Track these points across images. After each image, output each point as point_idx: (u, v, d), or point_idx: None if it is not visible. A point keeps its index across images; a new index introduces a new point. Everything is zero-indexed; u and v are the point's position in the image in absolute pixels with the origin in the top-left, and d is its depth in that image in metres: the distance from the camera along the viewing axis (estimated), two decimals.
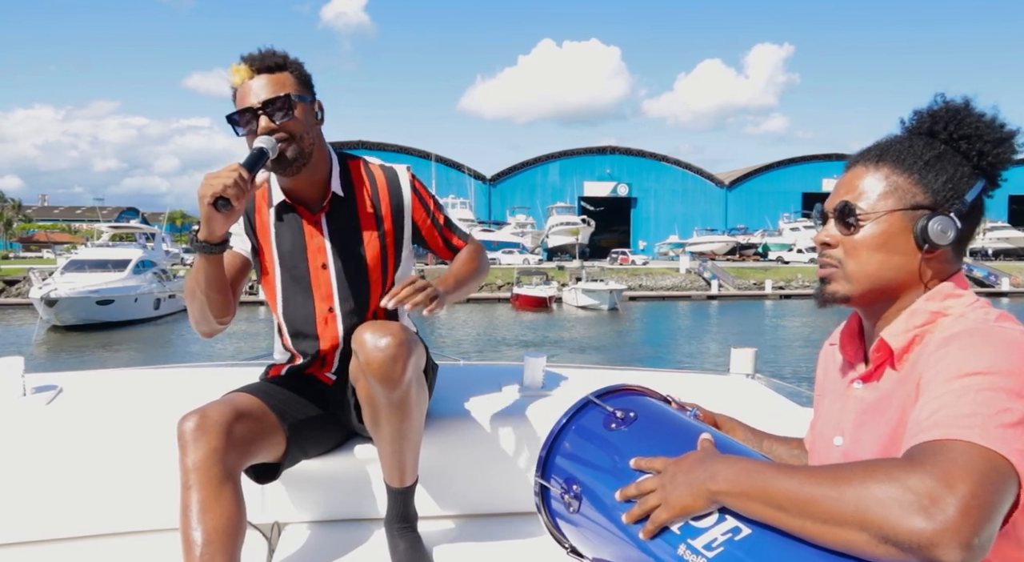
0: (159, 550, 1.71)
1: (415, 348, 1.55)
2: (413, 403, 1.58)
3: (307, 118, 1.66)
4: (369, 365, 1.50)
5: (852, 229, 1.11)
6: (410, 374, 1.53)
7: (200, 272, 1.58)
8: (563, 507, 1.20)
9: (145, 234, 35.69)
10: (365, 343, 1.50)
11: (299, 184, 1.71)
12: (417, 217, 1.82)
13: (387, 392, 1.52)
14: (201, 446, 1.46)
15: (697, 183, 70.89)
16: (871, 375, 1.12)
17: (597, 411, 1.26)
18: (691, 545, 0.98)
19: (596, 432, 1.23)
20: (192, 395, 1.82)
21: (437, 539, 1.77)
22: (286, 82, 1.64)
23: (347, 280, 1.75)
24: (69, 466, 1.74)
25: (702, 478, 0.99)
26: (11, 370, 1.90)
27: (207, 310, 1.63)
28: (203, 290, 1.59)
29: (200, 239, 1.52)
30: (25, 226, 78.39)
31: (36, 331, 24.36)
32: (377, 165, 1.82)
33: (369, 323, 1.57)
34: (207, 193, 1.44)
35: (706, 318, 33.04)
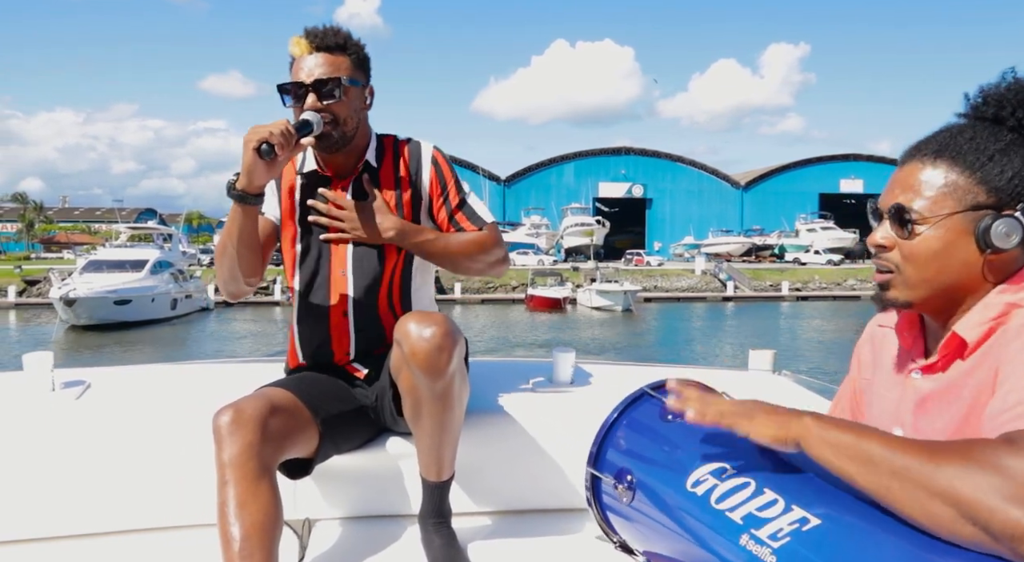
0: (192, 545, 1.71)
1: (459, 339, 1.55)
2: (456, 395, 1.58)
3: (355, 102, 1.69)
4: (414, 355, 1.49)
5: (908, 233, 1.05)
6: (454, 365, 1.53)
7: (234, 224, 1.61)
8: (615, 500, 1.19)
9: (162, 235, 36.02)
10: (410, 333, 1.50)
11: (337, 157, 1.76)
12: (432, 192, 1.82)
13: (431, 383, 1.52)
14: (237, 441, 1.46)
15: (712, 184, 70.48)
16: (935, 367, 1.08)
17: (651, 404, 1.24)
18: (755, 535, 0.96)
19: (651, 424, 1.21)
20: (219, 390, 1.83)
21: (471, 535, 1.76)
22: (341, 64, 1.66)
23: (363, 244, 1.77)
24: (99, 460, 1.75)
25: (789, 418, 0.99)
26: (41, 365, 1.90)
27: (236, 267, 1.66)
28: (234, 245, 1.62)
29: (238, 188, 1.54)
30: (46, 227, 79.35)
31: (56, 330, 24.64)
32: (405, 139, 1.84)
33: (413, 313, 1.59)
34: (252, 138, 1.48)
35: (722, 319, 32.85)
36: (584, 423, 1.88)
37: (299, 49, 1.66)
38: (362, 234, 1.73)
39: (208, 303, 34.04)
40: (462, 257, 1.81)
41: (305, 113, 1.62)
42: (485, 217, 1.85)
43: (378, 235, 1.73)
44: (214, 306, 34.45)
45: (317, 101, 1.63)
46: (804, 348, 22.46)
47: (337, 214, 1.73)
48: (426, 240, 1.76)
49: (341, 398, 1.75)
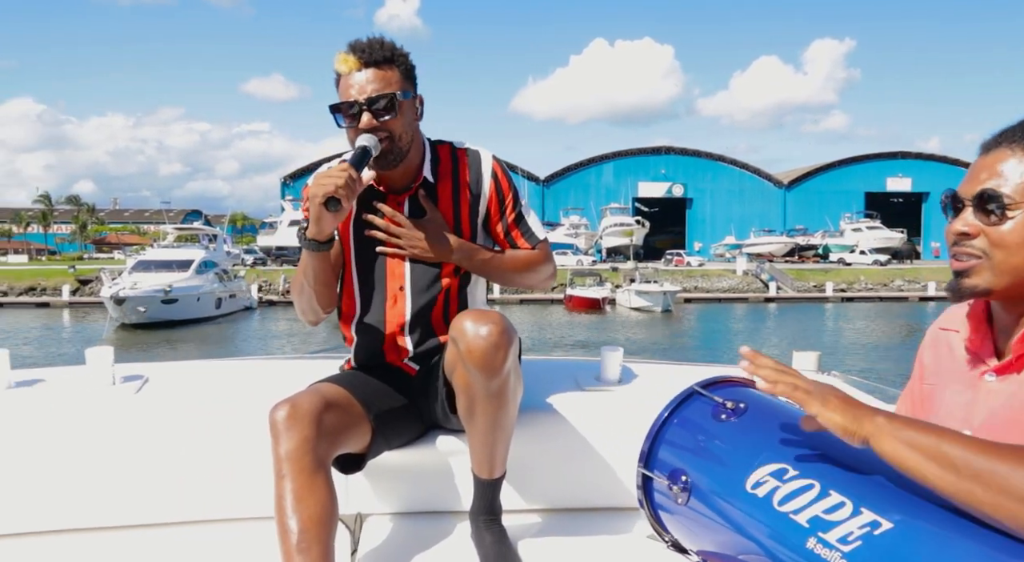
0: (247, 538, 1.74)
1: (514, 337, 1.55)
2: (510, 393, 1.58)
3: (408, 116, 1.67)
4: (471, 353, 1.50)
5: (997, 218, 1.03)
6: (510, 363, 1.53)
7: (308, 268, 1.64)
8: (668, 499, 1.18)
9: (208, 235, 36.82)
10: (466, 331, 1.50)
11: (392, 173, 1.73)
12: (491, 206, 1.80)
13: (486, 381, 1.52)
14: (294, 435, 1.47)
15: (754, 183, 69.44)
16: (1009, 367, 1.05)
17: (703, 402, 1.23)
18: (822, 538, 0.94)
19: (705, 423, 1.20)
20: (274, 386, 1.86)
21: (521, 533, 1.76)
22: (392, 79, 1.63)
23: (419, 261, 1.76)
24: (158, 452, 1.78)
25: (862, 412, 0.96)
26: (102, 360, 1.95)
27: (315, 302, 1.71)
28: (311, 284, 1.66)
29: (309, 237, 1.57)
30: (98, 228, 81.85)
31: (106, 328, 25.36)
32: (463, 148, 1.80)
33: (469, 311, 1.59)
34: (319, 193, 1.49)
35: (763, 321, 32.34)
36: (633, 421, 1.84)
37: (347, 66, 1.62)
38: (419, 252, 1.72)
39: (251, 302, 34.70)
40: (514, 275, 1.83)
41: (361, 138, 1.60)
42: (538, 234, 1.85)
43: (435, 254, 1.73)
44: (257, 305, 35.08)
45: (372, 119, 1.61)
46: (850, 350, 21.98)
47: (395, 231, 1.72)
48: (482, 260, 1.77)
49: (393, 394, 1.76)
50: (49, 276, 39.93)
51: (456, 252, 1.73)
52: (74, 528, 1.76)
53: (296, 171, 67.95)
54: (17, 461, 1.73)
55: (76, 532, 1.75)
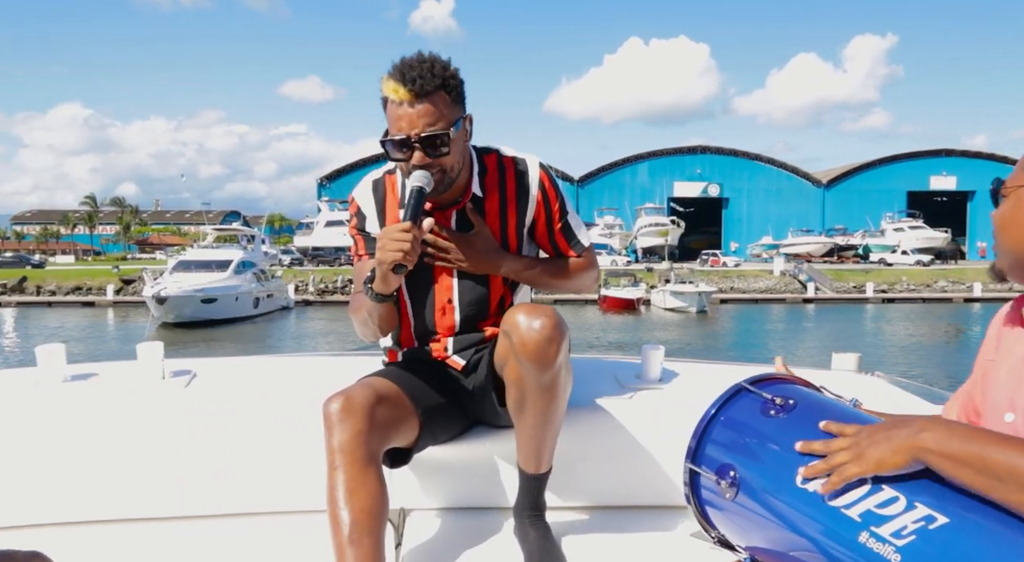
0: (294, 530, 1.76)
1: (566, 331, 1.56)
2: (561, 387, 1.59)
3: (460, 145, 1.63)
4: (524, 346, 1.50)
5: (997, 204, 1.11)
6: (562, 357, 1.54)
7: (373, 312, 1.65)
8: (716, 495, 1.18)
9: (246, 236, 37.43)
10: (519, 324, 1.51)
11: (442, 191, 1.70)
12: (537, 215, 1.79)
13: (539, 374, 1.52)
14: (347, 428, 1.49)
15: (792, 182, 68.41)
16: None
17: (751, 398, 1.23)
18: (875, 532, 0.93)
19: (753, 419, 1.20)
20: (319, 381, 1.89)
21: (564, 529, 1.77)
22: (444, 109, 1.56)
23: (468, 273, 1.75)
24: (205, 446, 1.82)
25: (907, 434, 0.96)
26: (153, 355, 2.00)
27: (380, 333, 1.74)
28: (375, 323, 1.68)
29: (376, 291, 1.58)
30: (141, 229, 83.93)
31: (148, 327, 25.95)
32: (510, 157, 1.77)
33: (522, 305, 1.60)
34: (387, 259, 1.50)
35: (801, 322, 31.82)
36: (676, 419, 1.83)
37: (397, 96, 1.54)
38: (467, 266, 1.72)
39: (288, 302, 35.21)
40: (560, 283, 1.84)
41: (413, 177, 1.57)
42: (583, 240, 1.85)
43: (483, 268, 1.73)
44: (294, 305, 35.58)
45: (424, 157, 1.57)
46: (891, 352, 21.50)
47: (443, 245, 1.71)
48: (529, 272, 1.78)
49: (440, 389, 1.76)
50: (94, 276, 41.04)
51: (503, 265, 1.74)
52: (126, 518, 1.80)
53: (332, 172, 68.80)
54: (72, 451, 1.77)
55: (128, 522, 1.79)
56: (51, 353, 1.94)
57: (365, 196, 1.77)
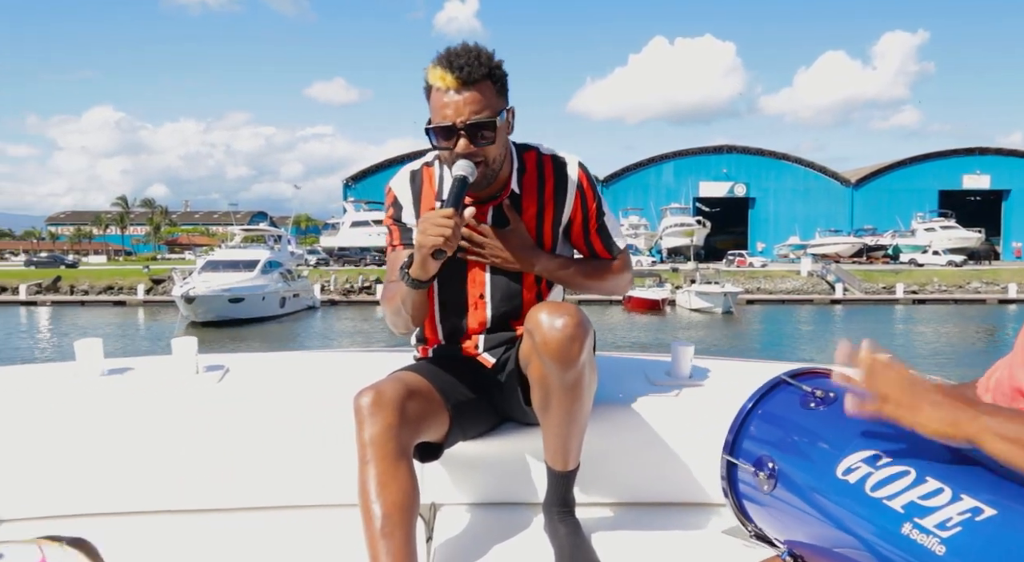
0: (326, 524, 1.78)
1: (589, 329, 1.55)
2: (585, 385, 1.58)
3: (504, 136, 1.64)
4: (546, 345, 1.49)
5: None
6: (585, 355, 1.53)
7: (408, 299, 1.63)
8: (754, 488, 1.18)
9: (273, 236, 37.83)
10: (541, 323, 1.50)
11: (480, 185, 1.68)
12: (574, 215, 1.78)
13: (562, 372, 1.52)
14: (378, 421, 1.49)
15: (820, 182, 67.52)
16: None
17: (790, 391, 1.22)
18: (919, 524, 0.92)
19: (792, 412, 1.19)
20: (350, 377, 1.92)
21: (594, 526, 1.77)
22: (490, 98, 1.57)
23: (500, 270, 1.75)
24: (239, 440, 1.85)
25: (960, 414, 0.93)
26: (187, 350, 2.03)
27: (411, 323, 1.72)
28: (408, 311, 1.67)
29: (413, 277, 1.57)
30: (170, 230, 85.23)
31: (177, 326, 26.31)
32: (549, 155, 1.76)
33: (545, 303, 1.59)
34: (427, 243, 1.49)
35: (829, 323, 31.40)
36: (707, 416, 1.84)
37: (444, 83, 1.55)
38: (500, 262, 1.72)
39: (314, 302, 35.52)
40: (594, 284, 1.82)
41: (457, 166, 1.57)
42: (619, 243, 1.84)
43: (517, 265, 1.72)
44: (320, 305, 35.88)
45: (469, 145, 1.57)
46: (922, 354, 21.14)
47: (478, 241, 1.71)
48: (563, 272, 1.77)
49: (470, 385, 1.76)
50: (125, 276, 41.75)
51: (538, 263, 1.73)
52: (160, 510, 1.83)
53: (358, 173, 69.26)
54: (109, 442, 1.81)
55: (162, 514, 1.82)
56: (89, 347, 1.98)
57: (402, 187, 1.77)
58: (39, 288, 39.79)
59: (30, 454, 1.78)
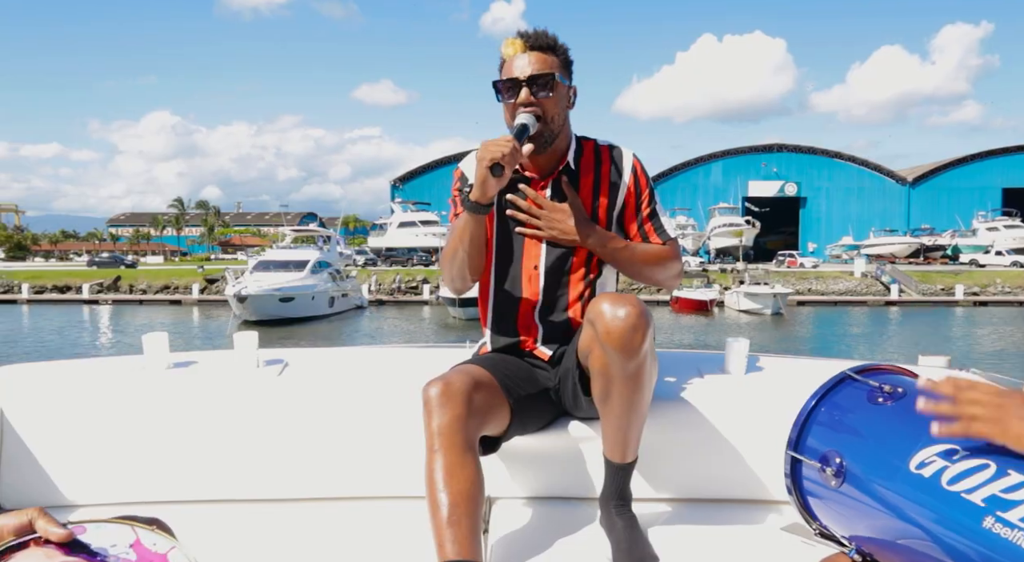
0: (385, 515, 1.82)
1: (651, 320, 1.57)
2: (647, 375, 1.60)
3: (562, 100, 1.77)
4: (608, 334, 1.51)
5: None
6: (647, 345, 1.55)
7: (466, 231, 1.73)
8: (819, 484, 1.16)
9: (322, 237, 38.46)
10: (604, 313, 1.53)
11: (538, 158, 1.81)
12: (628, 200, 1.85)
13: (624, 362, 1.53)
14: (447, 412, 1.53)
15: (874, 180, 65.80)
16: None
17: (856, 387, 1.21)
18: (1002, 518, 0.90)
19: (859, 407, 1.18)
20: (406, 371, 1.97)
21: (649, 521, 1.77)
22: (552, 63, 1.75)
23: (555, 244, 1.82)
24: (298, 432, 1.90)
25: None
26: (248, 344, 2.09)
27: (466, 268, 1.79)
28: (465, 249, 1.75)
29: (473, 199, 1.67)
30: (224, 231, 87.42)
31: (229, 325, 26.97)
32: (606, 144, 1.88)
33: (607, 294, 1.62)
34: (486, 157, 1.60)
35: (884, 325, 30.53)
36: (763, 412, 1.84)
37: (513, 49, 1.75)
38: (557, 235, 1.78)
39: (362, 301, 36.00)
40: (645, 268, 1.85)
41: (520, 116, 1.71)
42: (670, 232, 1.88)
43: (573, 238, 1.78)
44: (367, 304, 36.37)
45: (530, 95, 1.71)
46: (984, 356, 20.39)
47: (536, 213, 1.78)
48: (616, 249, 1.81)
49: (530, 380, 1.79)
50: (181, 276, 42.99)
51: (592, 237, 1.78)
52: (222, 499, 1.88)
53: (405, 174, 70.06)
54: (175, 433, 1.87)
55: (224, 503, 1.87)
56: (156, 341, 2.05)
57: (470, 167, 1.84)
58: (101, 287, 41.27)
59: (103, 442, 1.85)
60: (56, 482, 1.83)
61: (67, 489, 1.83)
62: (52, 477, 1.83)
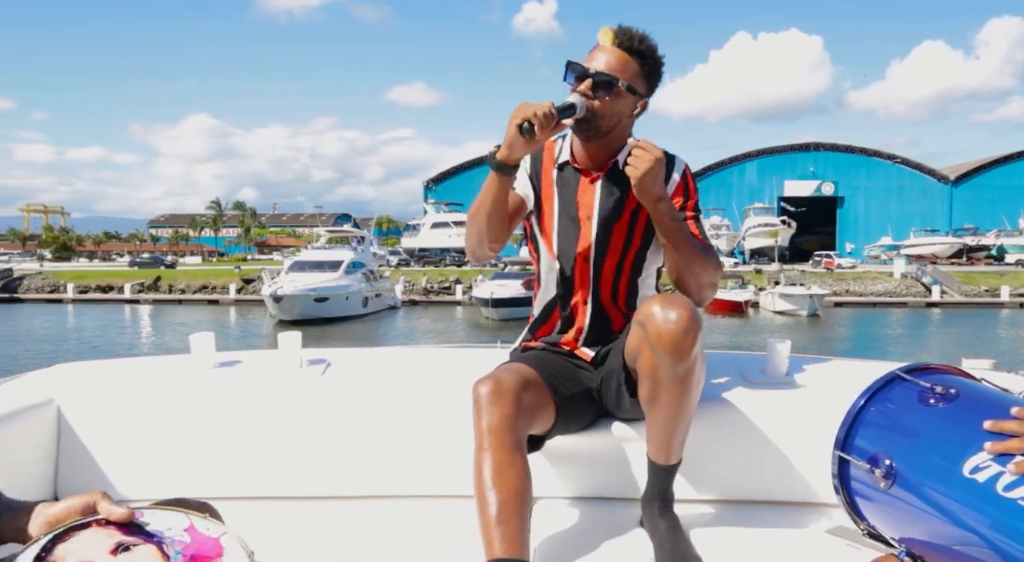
0: (431, 512, 1.84)
1: (702, 323, 1.56)
2: (695, 379, 1.59)
3: (621, 106, 1.74)
4: (660, 336, 1.50)
5: None
6: (697, 349, 1.54)
7: (488, 191, 1.71)
8: (868, 485, 1.16)
9: (356, 238, 38.81)
10: (655, 315, 1.52)
11: (589, 150, 1.82)
12: (674, 197, 1.82)
13: (674, 365, 1.52)
14: (497, 410, 1.53)
15: (914, 179, 64.37)
16: None
17: (907, 387, 1.19)
18: None
19: (910, 408, 1.16)
20: (450, 371, 1.99)
21: (691, 522, 1.77)
22: (628, 68, 1.72)
23: (603, 231, 1.81)
24: (341, 430, 1.93)
25: None
26: (292, 344, 2.13)
27: (484, 232, 1.77)
28: (487, 209, 1.73)
29: (498, 158, 1.65)
30: (260, 232, 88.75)
31: (265, 324, 27.37)
32: (661, 152, 1.82)
33: (657, 296, 1.61)
34: (517, 115, 1.58)
35: (925, 327, 29.86)
36: (807, 414, 1.83)
37: (604, 38, 1.73)
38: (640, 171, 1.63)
39: (396, 302, 36.27)
40: (691, 255, 1.73)
41: (573, 95, 1.70)
42: (708, 238, 1.86)
43: (651, 183, 1.65)
44: (401, 305, 36.63)
45: (588, 89, 1.70)
46: None
47: (640, 154, 1.64)
48: (677, 219, 1.71)
49: (573, 379, 1.80)
50: (218, 276, 43.77)
51: (663, 200, 1.69)
52: (265, 496, 1.92)
53: (438, 175, 70.39)
54: (222, 430, 1.92)
55: (266, 500, 1.91)
56: (203, 341, 2.10)
57: None
58: (141, 287, 42.22)
59: (153, 438, 1.90)
60: (110, 477, 1.89)
61: (120, 484, 1.89)
62: (106, 472, 1.89)
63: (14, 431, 1.74)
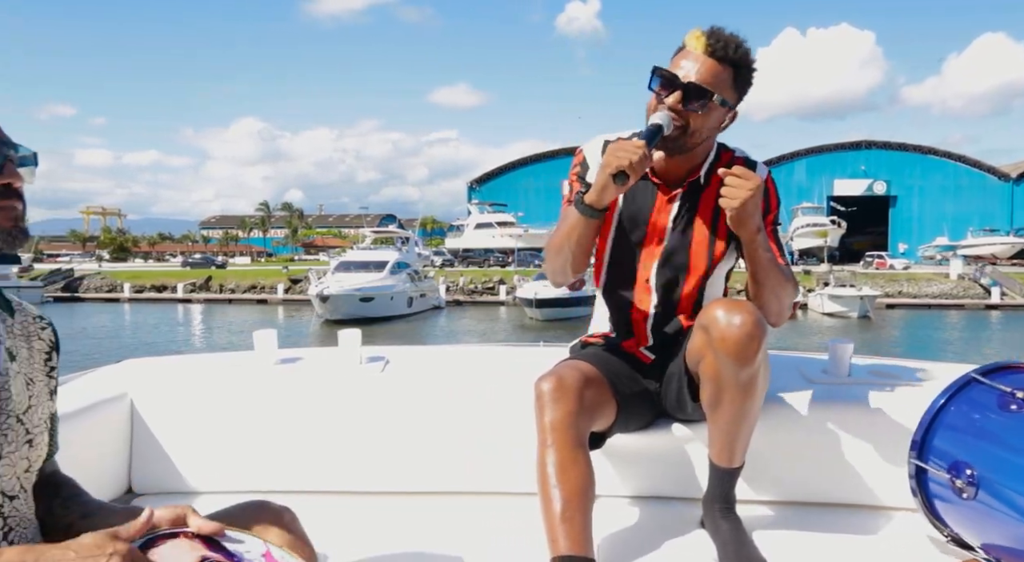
0: (486, 510, 1.86)
1: (767, 328, 1.54)
2: (759, 384, 1.57)
3: (713, 120, 1.64)
4: (724, 341, 1.49)
5: None
6: (762, 354, 1.52)
7: (575, 231, 1.65)
8: (950, 492, 1.13)
9: (401, 238, 39.21)
10: (718, 320, 1.50)
11: (670, 163, 1.71)
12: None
13: (738, 370, 1.51)
14: (560, 407, 1.52)
15: (973, 177, 62.32)
16: None
17: (983, 390, 1.17)
18: None
19: (990, 413, 1.14)
20: (507, 368, 2.00)
21: (754, 524, 1.75)
22: (723, 79, 1.59)
23: (672, 257, 1.74)
24: (400, 426, 1.96)
25: None
26: (352, 342, 2.18)
27: (569, 266, 1.72)
28: (571, 248, 1.67)
29: (587, 203, 1.59)
30: (306, 232, 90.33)
31: (312, 323, 27.84)
32: (741, 157, 1.76)
33: (722, 300, 1.58)
34: (612, 163, 1.51)
35: (984, 330, 28.86)
36: (871, 416, 1.80)
37: (695, 44, 1.60)
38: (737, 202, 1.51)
39: (440, 302, 36.51)
40: (778, 284, 1.63)
41: (657, 115, 1.58)
42: (785, 253, 1.74)
43: (748, 217, 1.55)
44: (445, 305, 36.87)
45: (678, 103, 1.58)
46: None
47: (738, 172, 1.54)
48: (767, 249, 1.62)
49: (633, 378, 1.78)
50: (267, 276, 44.69)
51: (760, 231, 1.59)
52: (328, 490, 1.95)
53: (482, 176, 70.68)
54: (284, 425, 1.96)
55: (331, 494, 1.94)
56: (266, 338, 2.15)
57: (594, 151, 1.77)
58: (193, 287, 43.35)
59: (220, 432, 1.95)
60: (180, 469, 1.94)
61: (190, 476, 1.94)
62: (177, 465, 1.94)
63: (90, 424, 1.80)
